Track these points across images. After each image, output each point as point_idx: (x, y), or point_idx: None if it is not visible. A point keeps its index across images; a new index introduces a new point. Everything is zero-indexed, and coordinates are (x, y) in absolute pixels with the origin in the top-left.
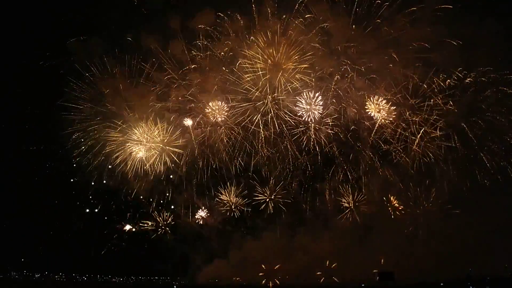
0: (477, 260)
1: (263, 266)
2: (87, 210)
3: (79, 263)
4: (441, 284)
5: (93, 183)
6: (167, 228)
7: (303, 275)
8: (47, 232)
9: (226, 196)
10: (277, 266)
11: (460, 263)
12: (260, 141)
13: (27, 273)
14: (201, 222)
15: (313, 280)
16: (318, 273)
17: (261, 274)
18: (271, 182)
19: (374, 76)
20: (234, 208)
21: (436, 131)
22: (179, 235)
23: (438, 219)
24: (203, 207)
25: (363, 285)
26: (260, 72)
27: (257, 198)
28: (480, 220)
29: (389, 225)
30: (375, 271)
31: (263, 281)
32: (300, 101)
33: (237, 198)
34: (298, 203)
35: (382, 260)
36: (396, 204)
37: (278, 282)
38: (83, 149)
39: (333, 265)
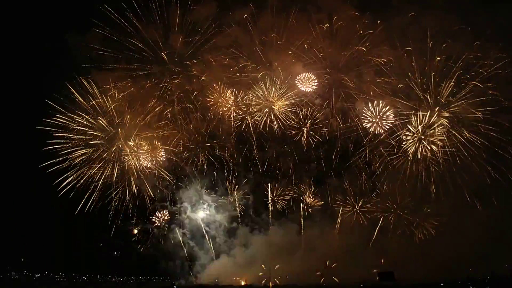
0: (477, 260)
1: (263, 266)
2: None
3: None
4: (441, 284)
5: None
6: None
7: (303, 275)
8: (47, 232)
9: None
10: (277, 266)
11: (460, 263)
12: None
13: (27, 273)
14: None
15: (313, 280)
16: (318, 273)
17: (261, 274)
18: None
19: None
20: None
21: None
22: (186, 233)
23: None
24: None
25: (361, 285)
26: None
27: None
28: (483, 220)
29: (393, 224)
30: (375, 271)
31: (263, 281)
32: None
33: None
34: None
35: (382, 260)
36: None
37: (278, 282)
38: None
39: (333, 265)
